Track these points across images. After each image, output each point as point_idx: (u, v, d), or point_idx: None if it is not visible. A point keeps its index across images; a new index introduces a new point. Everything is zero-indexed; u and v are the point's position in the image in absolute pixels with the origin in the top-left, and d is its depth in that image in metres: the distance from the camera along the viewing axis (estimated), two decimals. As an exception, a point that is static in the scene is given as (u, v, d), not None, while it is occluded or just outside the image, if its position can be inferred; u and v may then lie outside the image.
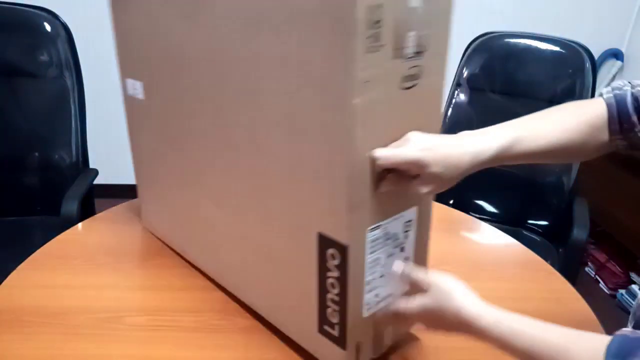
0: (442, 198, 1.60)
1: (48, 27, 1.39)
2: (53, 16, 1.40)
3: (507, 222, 1.57)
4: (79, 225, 1.05)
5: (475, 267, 0.96)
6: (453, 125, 1.66)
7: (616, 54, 2.47)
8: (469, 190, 1.63)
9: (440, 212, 1.21)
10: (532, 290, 0.90)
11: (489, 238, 1.10)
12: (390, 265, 0.65)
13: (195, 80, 0.74)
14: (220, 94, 0.70)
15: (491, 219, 1.59)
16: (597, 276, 2.16)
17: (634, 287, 1.97)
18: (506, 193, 1.60)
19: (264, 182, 0.68)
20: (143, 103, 0.89)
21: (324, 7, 0.51)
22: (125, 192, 1.32)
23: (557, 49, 1.53)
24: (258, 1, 0.59)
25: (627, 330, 0.48)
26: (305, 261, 0.64)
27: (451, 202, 1.61)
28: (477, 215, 1.56)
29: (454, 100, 1.65)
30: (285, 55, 0.57)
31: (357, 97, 0.52)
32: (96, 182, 1.40)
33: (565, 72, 1.52)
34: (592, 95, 1.49)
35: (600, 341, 0.47)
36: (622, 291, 2.01)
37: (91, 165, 1.47)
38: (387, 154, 0.56)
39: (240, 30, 0.62)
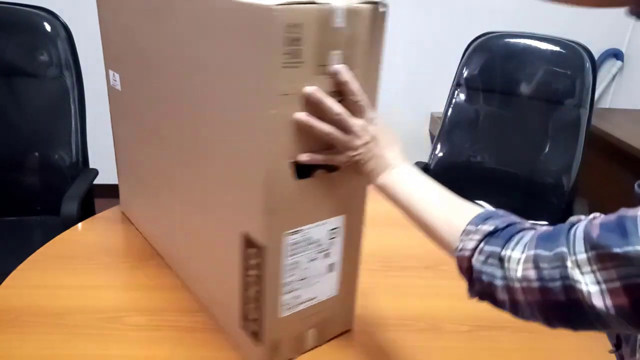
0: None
1: (48, 27, 1.39)
2: (53, 16, 1.40)
3: (507, 222, 1.57)
4: (79, 225, 1.05)
5: (476, 267, 0.96)
6: (453, 125, 1.66)
7: (616, 54, 2.47)
8: (469, 190, 1.62)
9: (441, 212, 1.21)
10: (532, 290, 0.90)
11: (489, 238, 1.10)
12: (314, 270, 0.67)
13: (157, 77, 0.79)
14: (174, 92, 0.75)
15: (491, 219, 1.59)
16: (597, 276, 2.15)
17: (634, 287, 1.97)
18: (506, 193, 1.60)
19: (205, 179, 0.72)
20: (120, 93, 0.94)
21: (249, 23, 0.55)
22: (125, 192, 1.32)
23: (557, 49, 1.53)
24: (205, 10, 0.63)
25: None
26: (233, 258, 0.67)
27: (451, 202, 1.61)
28: (477, 215, 1.56)
29: (454, 100, 1.65)
30: (223, 62, 0.61)
31: (274, 109, 0.55)
32: (96, 182, 1.40)
33: (566, 72, 1.52)
34: (593, 96, 1.49)
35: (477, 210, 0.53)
36: (622, 291, 2.01)
37: (91, 165, 1.47)
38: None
39: (191, 35, 0.67)
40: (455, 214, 0.55)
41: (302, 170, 0.60)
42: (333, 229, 0.66)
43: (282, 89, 0.54)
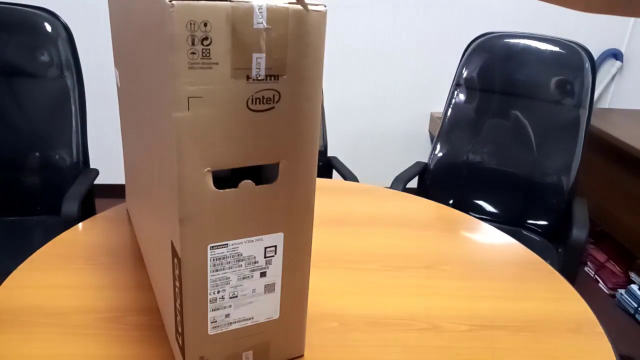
0: (442, 198, 1.61)
1: (48, 28, 1.39)
2: (53, 16, 1.40)
3: (506, 222, 1.57)
4: (80, 225, 1.05)
5: (475, 267, 0.96)
6: (453, 125, 1.67)
7: (616, 54, 2.47)
8: (468, 190, 1.63)
9: (440, 211, 1.21)
10: (532, 290, 0.90)
11: (489, 238, 1.10)
12: (247, 288, 0.63)
13: (130, 76, 0.78)
14: (138, 91, 0.74)
15: (491, 219, 1.60)
16: (596, 276, 2.16)
17: (634, 286, 1.97)
18: (506, 193, 1.61)
19: (152, 181, 0.70)
20: (120, 90, 0.95)
21: (156, 19, 0.52)
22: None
23: (556, 49, 1.54)
24: (140, 9, 0.61)
25: None
26: (169, 266, 0.64)
27: (451, 201, 1.61)
28: (477, 215, 1.57)
29: (453, 101, 1.66)
30: (149, 62, 0.60)
31: (180, 112, 0.51)
32: (97, 182, 1.41)
33: (565, 73, 1.52)
34: (592, 96, 1.49)
35: None
36: (622, 291, 2.01)
37: (92, 165, 1.48)
38: None
39: (137, 34, 0.66)
40: None
41: (224, 180, 0.57)
42: (270, 247, 0.62)
43: (191, 90, 0.51)
